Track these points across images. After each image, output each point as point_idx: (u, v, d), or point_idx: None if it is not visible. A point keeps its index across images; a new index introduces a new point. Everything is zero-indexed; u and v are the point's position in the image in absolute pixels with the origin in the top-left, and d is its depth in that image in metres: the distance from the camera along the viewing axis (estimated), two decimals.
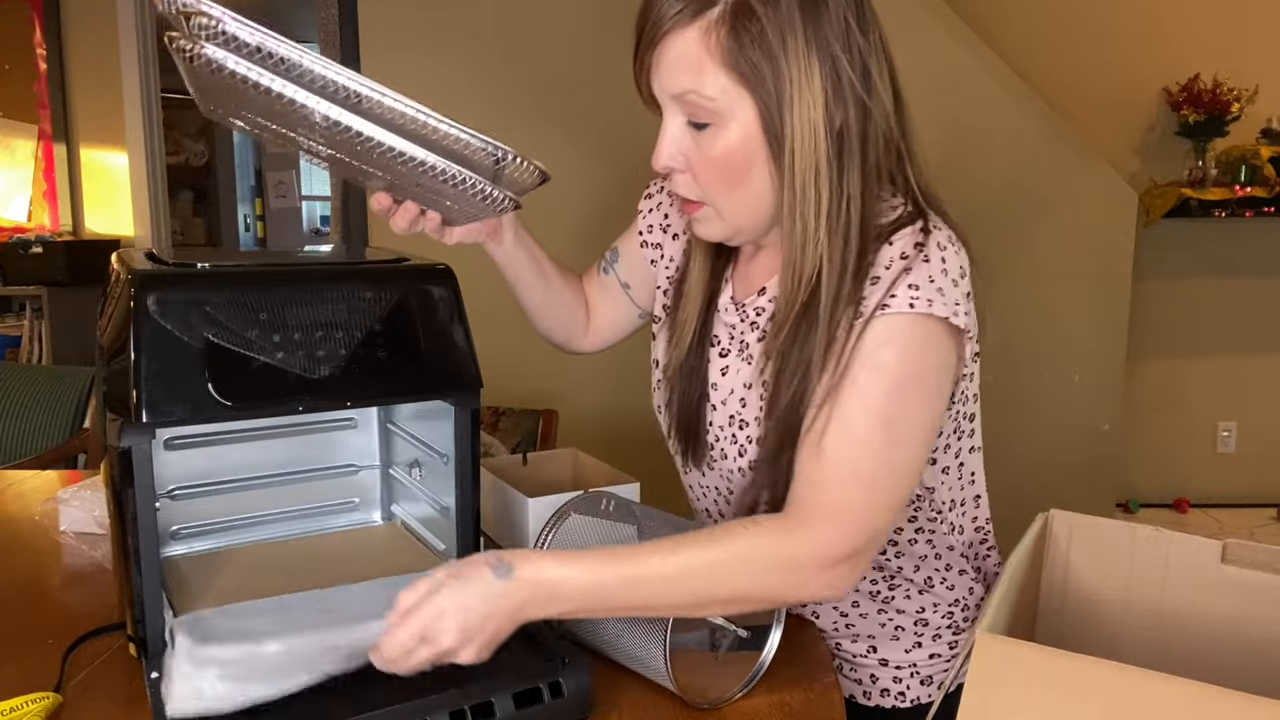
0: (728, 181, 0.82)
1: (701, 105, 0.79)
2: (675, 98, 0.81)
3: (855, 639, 0.99)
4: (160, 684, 0.72)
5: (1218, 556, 0.84)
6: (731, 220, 0.86)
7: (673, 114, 0.83)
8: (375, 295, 0.87)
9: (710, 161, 0.82)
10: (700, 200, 0.86)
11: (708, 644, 0.82)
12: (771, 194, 0.83)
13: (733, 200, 0.84)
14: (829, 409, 0.78)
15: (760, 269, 0.94)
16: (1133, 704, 0.60)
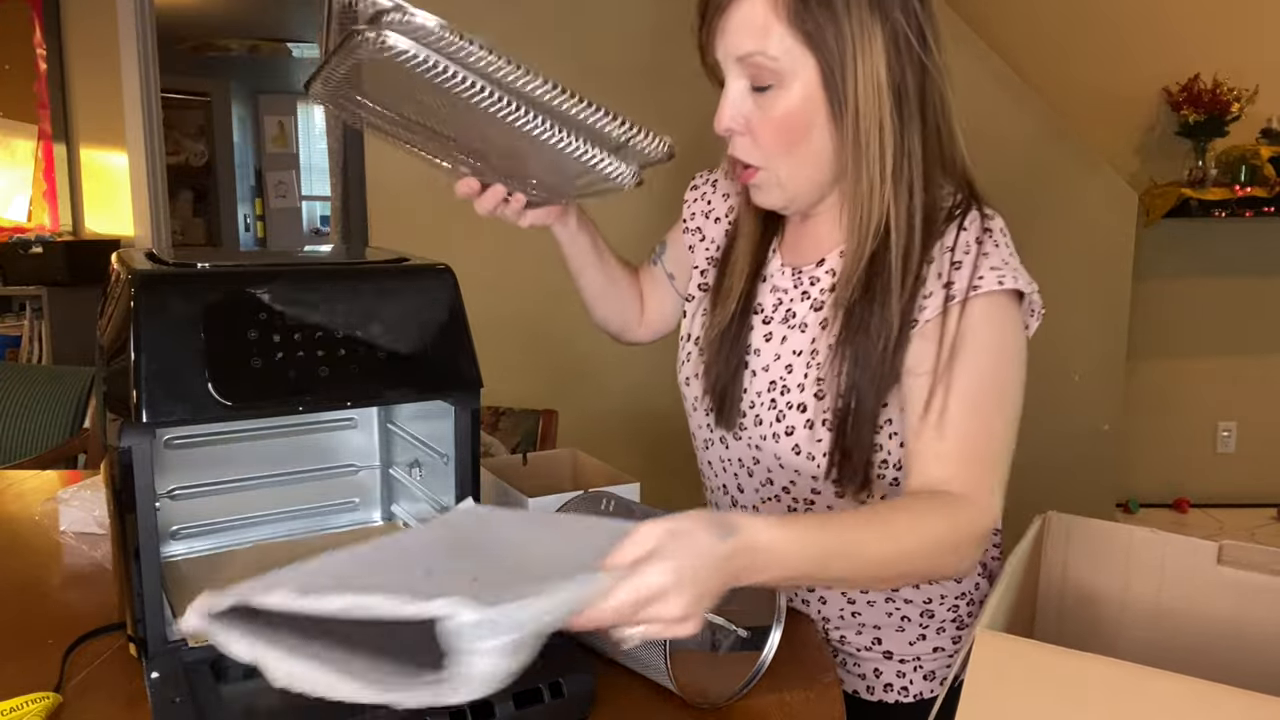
0: (789, 142, 0.85)
1: (765, 66, 0.82)
2: (740, 60, 0.84)
3: (860, 630, 0.99)
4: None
5: (1214, 558, 0.84)
6: (790, 185, 0.89)
7: (735, 77, 0.85)
8: (375, 295, 0.87)
9: (771, 122, 0.85)
10: (759, 165, 0.88)
11: (708, 644, 0.82)
12: (831, 155, 0.86)
13: (792, 162, 0.87)
14: (944, 390, 0.81)
15: (810, 240, 0.97)
16: (1132, 701, 0.60)
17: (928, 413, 0.82)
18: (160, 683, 0.74)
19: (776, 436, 0.93)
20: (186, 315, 0.78)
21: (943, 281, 0.84)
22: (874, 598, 0.98)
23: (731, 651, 0.83)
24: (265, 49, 6.01)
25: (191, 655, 0.79)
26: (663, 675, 0.79)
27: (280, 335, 0.81)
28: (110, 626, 0.91)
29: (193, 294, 0.79)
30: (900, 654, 0.99)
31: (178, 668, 0.77)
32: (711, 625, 0.82)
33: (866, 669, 1.00)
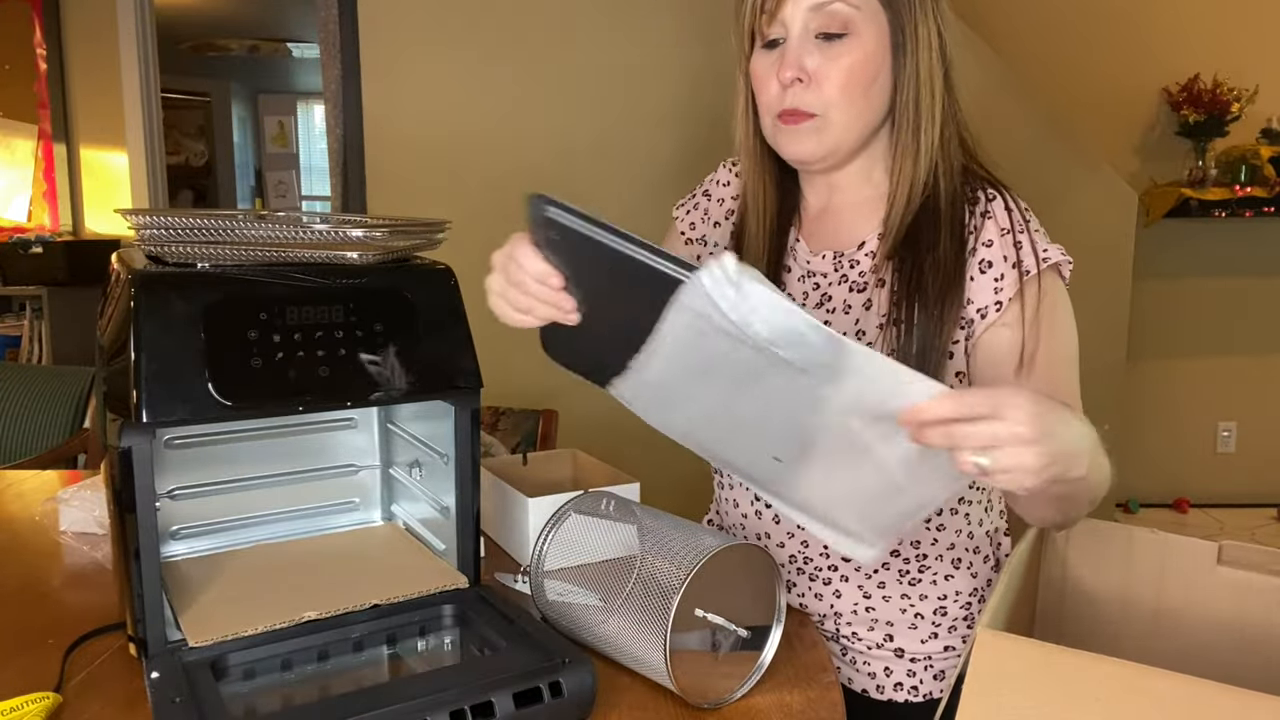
0: (852, 91, 0.89)
1: (842, 14, 0.87)
2: (815, 8, 0.87)
3: (873, 626, 0.99)
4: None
5: (1214, 558, 0.84)
6: (840, 133, 0.91)
7: (801, 24, 0.89)
8: (375, 295, 0.87)
9: (841, 70, 0.88)
10: (816, 112, 0.91)
11: (708, 644, 0.82)
12: (885, 109, 0.92)
13: (852, 111, 0.90)
14: (1045, 359, 0.88)
15: (842, 226, 0.98)
16: (1131, 700, 0.60)
17: (1022, 364, 0.88)
18: (160, 683, 0.74)
19: None
20: (186, 315, 0.78)
21: (1010, 262, 0.89)
22: (890, 592, 0.98)
23: (731, 651, 0.83)
24: (265, 49, 6.01)
25: (191, 655, 0.80)
26: (663, 675, 0.79)
27: (280, 335, 0.81)
28: (110, 626, 0.91)
29: (193, 294, 0.79)
30: (911, 652, 0.99)
31: (178, 668, 0.77)
32: (711, 625, 0.82)
33: (877, 667, 1.00)
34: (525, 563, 1.09)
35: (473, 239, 1.07)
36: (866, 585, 0.99)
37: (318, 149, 6.48)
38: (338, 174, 2.77)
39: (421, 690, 0.73)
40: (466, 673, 0.81)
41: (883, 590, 0.98)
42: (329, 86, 2.74)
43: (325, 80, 2.75)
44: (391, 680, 0.86)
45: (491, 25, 2.70)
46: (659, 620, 0.78)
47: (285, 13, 5.40)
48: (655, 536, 0.85)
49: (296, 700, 0.81)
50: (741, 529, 1.06)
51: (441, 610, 0.91)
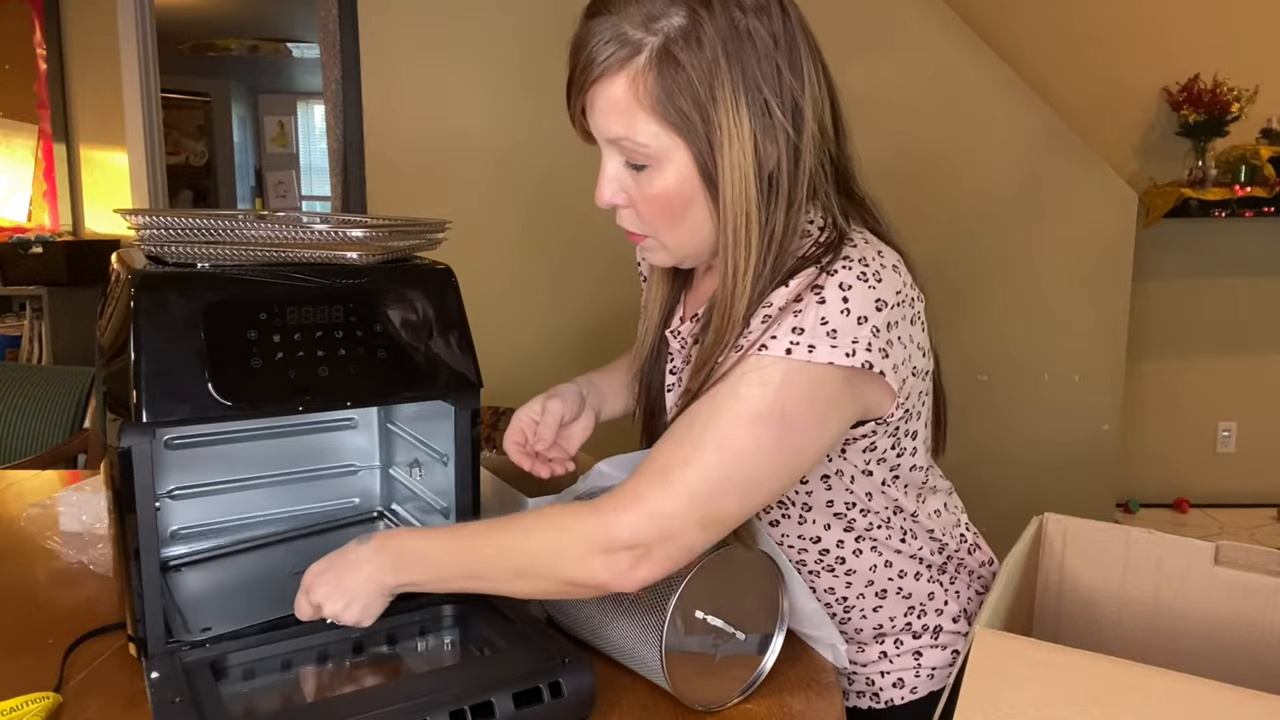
0: (668, 218, 0.83)
1: (636, 150, 0.80)
2: (610, 141, 0.82)
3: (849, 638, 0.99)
4: None
5: (1211, 558, 0.84)
6: (676, 250, 0.87)
7: (611, 155, 0.84)
8: (375, 295, 0.87)
9: (650, 200, 0.83)
10: (645, 234, 0.87)
11: (710, 647, 0.82)
12: (712, 226, 0.83)
13: (675, 235, 0.85)
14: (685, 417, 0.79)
15: (707, 285, 0.94)
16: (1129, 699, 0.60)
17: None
18: (160, 683, 0.74)
19: None
20: (186, 315, 0.78)
21: (744, 332, 0.80)
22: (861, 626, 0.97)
23: (733, 655, 0.83)
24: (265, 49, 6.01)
25: (191, 655, 0.80)
26: (659, 676, 0.79)
27: (280, 335, 0.81)
28: (110, 626, 0.91)
29: (193, 294, 0.79)
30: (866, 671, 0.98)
31: (178, 668, 0.77)
32: (713, 628, 0.82)
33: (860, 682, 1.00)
34: None
35: (473, 239, 1.07)
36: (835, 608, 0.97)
37: (318, 149, 6.48)
38: (338, 174, 2.77)
39: (421, 690, 0.73)
40: (466, 673, 0.81)
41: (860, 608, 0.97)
42: (329, 86, 2.74)
43: (325, 80, 2.75)
44: (391, 680, 0.86)
45: (491, 25, 2.70)
46: (656, 620, 0.78)
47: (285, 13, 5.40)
48: None
49: (296, 700, 0.81)
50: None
51: (441, 610, 0.91)
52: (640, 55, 0.77)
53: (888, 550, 0.94)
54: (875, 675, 0.98)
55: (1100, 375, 2.74)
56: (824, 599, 0.96)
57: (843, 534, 0.92)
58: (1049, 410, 2.70)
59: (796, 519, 0.92)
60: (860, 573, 0.94)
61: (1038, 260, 2.70)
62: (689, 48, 0.76)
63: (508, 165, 2.72)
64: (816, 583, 0.95)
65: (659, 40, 0.76)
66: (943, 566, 0.98)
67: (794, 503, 0.91)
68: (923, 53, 2.56)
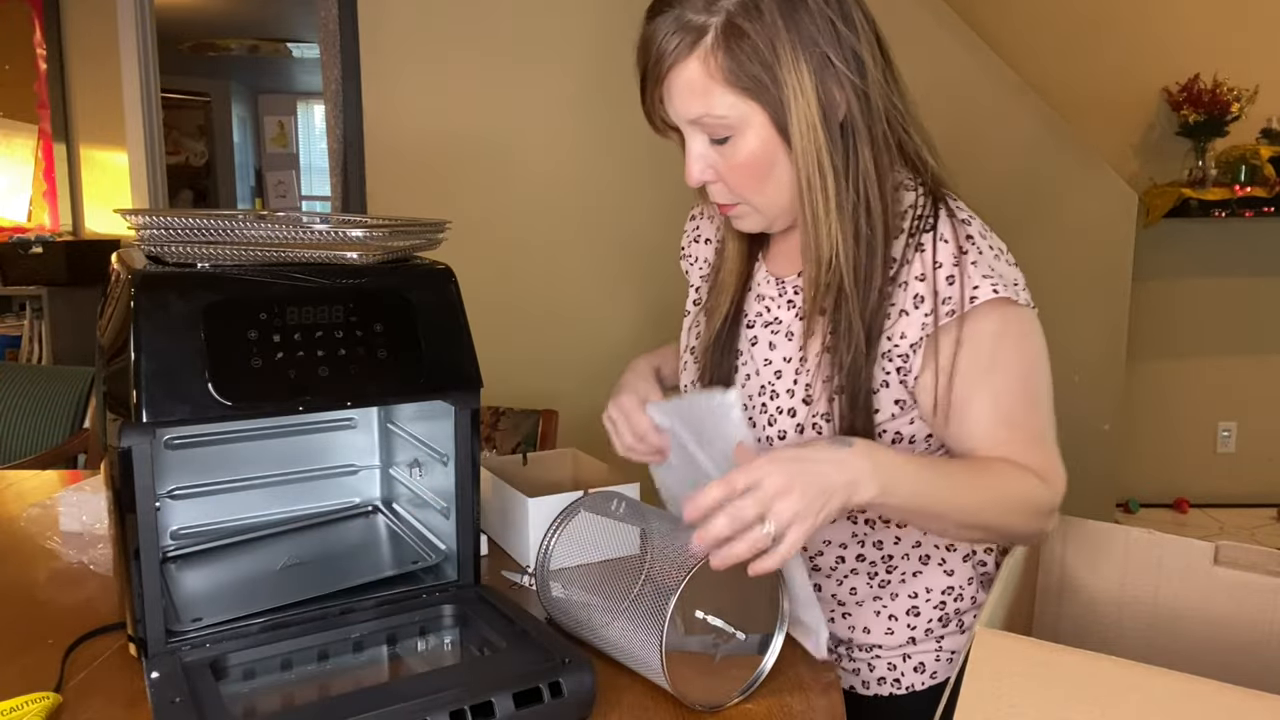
0: (757, 181, 0.89)
1: (716, 124, 0.86)
2: (692, 122, 0.88)
3: (851, 628, 1.00)
4: None
5: (1210, 558, 0.84)
6: (767, 212, 0.93)
7: (694, 135, 0.89)
8: (375, 295, 0.87)
9: (737, 169, 0.89)
10: (736, 202, 0.93)
11: (710, 647, 0.82)
12: (796, 180, 0.90)
13: (765, 196, 0.91)
14: (984, 395, 0.87)
15: (791, 250, 0.99)
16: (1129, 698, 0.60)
17: (936, 408, 0.87)
18: (160, 683, 0.74)
19: (770, 440, 0.95)
20: (186, 315, 0.78)
21: (940, 298, 0.87)
22: (861, 597, 0.98)
23: (733, 655, 0.83)
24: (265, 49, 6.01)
25: (191, 655, 0.80)
26: (659, 676, 0.79)
27: (280, 335, 0.81)
28: (110, 626, 0.91)
29: (193, 294, 0.79)
30: (889, 649, 1.00)
31: (178, 668, 0.77)
32: (712, 629, 0.82)
33: (860, 664, 1.01)
34: (524, 562, 1.10)
35: (473, 239, 1.07)
36: (839, 592, 0.99)
37: (318, 149, 6.48)
38: (338, 174, 2.77)
39: (421, 690, 0.73)
40: (466, 673, 0.81)
41: (855, 596, 0.99)
42: (329, 86, 2.74)
43: (325, 80, 2.75)
44: (391, 680, 0.86)
45: (491, 25, 2.70)
46: (657, 622, 0.78)
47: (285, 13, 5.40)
48: (661, 539, 0.85)
49: (296, 700, 0.81)
50: None
51: (441, 610, 0.91)
52: (707, 36, 0.83)
53: None
54: (898, 660, 1.00)
55: (1100, 375, 2.74)
56: (869, 555, 0.98)
57: None
58: None
59: None
60: (912, 529, 0.97)
61: (1037, 260, 2.69)
62: (750, 17, 0.83)
63: (508, 165, 2.72)
64: (869, 535, 0.97)
65: (721, 18, 0.83)
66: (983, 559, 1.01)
67: (890, 433, 0.93)
68: (923, 53, 2.56)
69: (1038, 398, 0.89)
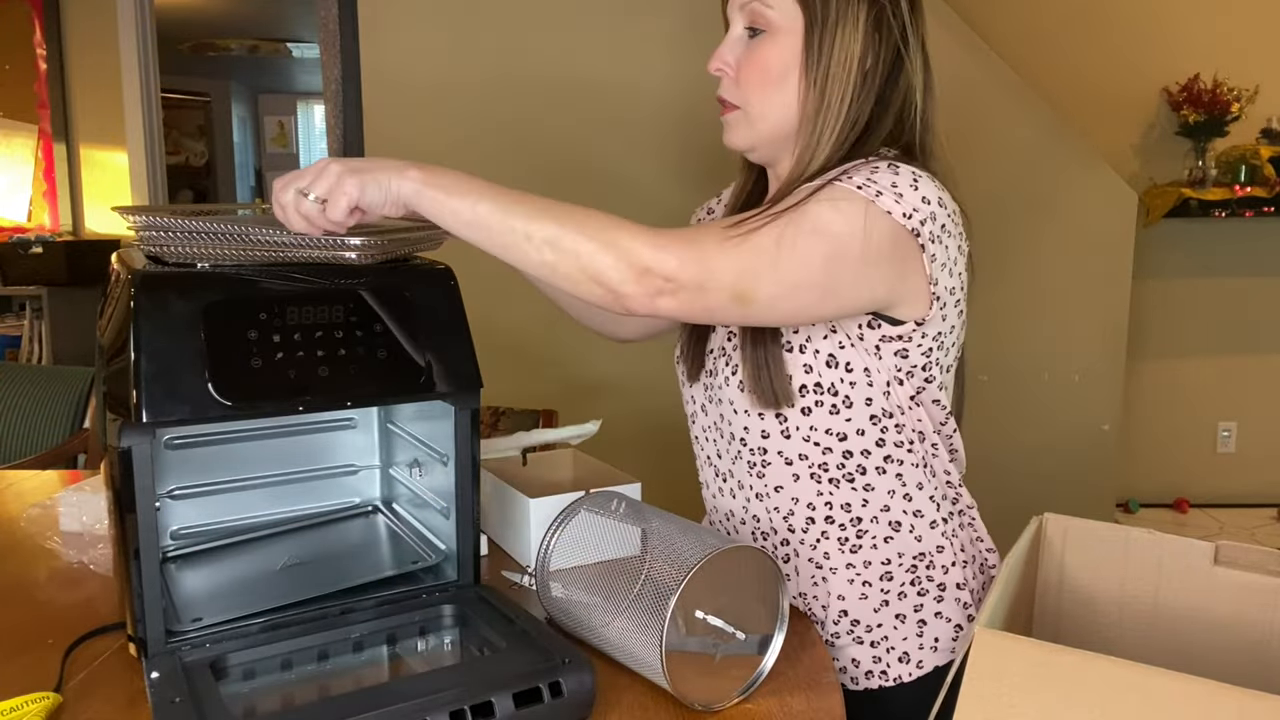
0: (763, 83, 0.94)
1: (761, 12, 0.93)
2: (742, 6, 0.94)
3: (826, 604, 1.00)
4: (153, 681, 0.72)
5: (1210, 558, 0.84)
6: (759, 126, 0.97)
7: (736, 22, 0.96)
8: (375, 295, 0.87)
9: (753, 62, 0.94)
10: (737, 104, 0.97)
11: (710, 647, 0.82)
12: (796, 107, 0.94)
13: (764, 104, 0.95)
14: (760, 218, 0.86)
15: None
16: (1129, 699, 0.60)
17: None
18: (160, 683, 0.74)
19: (727, 380, 0.99)
20: (186, 315, 0.78)
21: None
22: (835, 564, 0.98)
23: (732, 655, 0.83)
24: (265, 49, 6.01)
25: (191, 655, 0.80)
26: (659, 676, 0.79)
27: (280, 335, 0.81)
28: (110, 626, 0.91)
29: (193, 294, 0.79)
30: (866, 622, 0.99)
31: (178, 668, 0.77)
32: (712, 629, 0.82)
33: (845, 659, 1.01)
34: (524, 562, 1.10)
35: None
36: (814, 555, 1.00)
37: (318, 149, 6.48)
38: None
39: (421, 690, 0.73)
40: (466, 673, 0.81)
41: (829, 560, 0.99)
42: (329, 86, 2.74)
43: (325, 80, 2.75)
44: (391, 680, 0.86)
45: (493, 27, 2.70)
46: (657, 622, 0.78)
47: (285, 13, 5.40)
48: (661, 539, 0.85)
49: (296, 700, 0.81)
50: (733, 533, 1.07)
51: (441, 610, 0.91)
52: None
53: (910, 480, 0.98)
54: (883, 651, 1.00)
55: (1100, 375, 2.74)
56: (838, 518, 0.98)
57: (873, 445, 0.96)
58: (1049, 410, 2.70)
59: (829, 409, 0.95)
60: (879, 492, 0.97)
61: (1038, 260, 2.70)
62: None
63: (509, 166, 2.72)
64: (834, 496, 0.98)
65: None
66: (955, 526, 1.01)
67: (835, 390, 0.94)
68: None
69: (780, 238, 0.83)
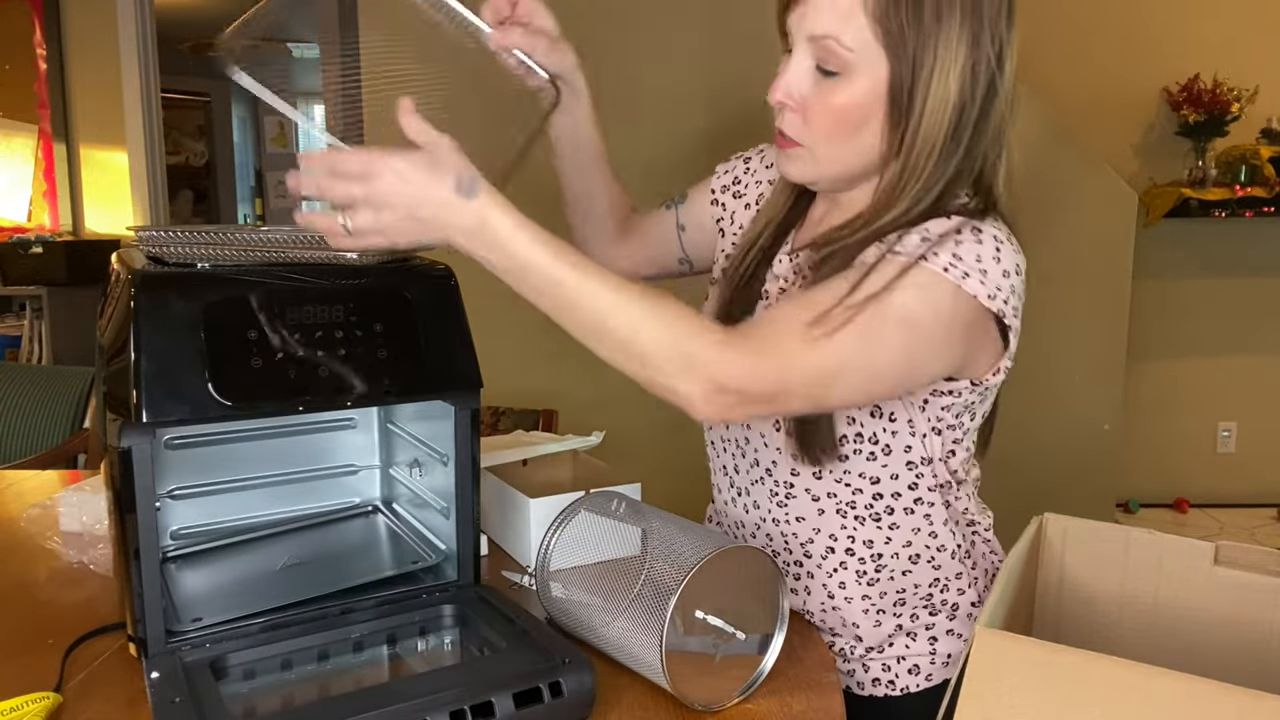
0: (838, 131, 0.84)
1: (836, 53, 0.80)
2: (812, 39, 0.82)
3: (842, 622, 0.99)
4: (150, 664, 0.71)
5: (1210, 558, 0.84)
6: (825, 168, 0.88)
7: (803, 54, 0.84)
8: (375, 295, 0.87)
9: (827, 109, 0.83)
10: (802, 142, 0.87)
11: (710, 647, 0.82)
12: (876, 153, 0.85)
13: (834, 150, 0.86)
14: (826, 285, 0.81)
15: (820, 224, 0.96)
16: (1129, 698, 0.60)
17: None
18: (160, 683, 0.74)
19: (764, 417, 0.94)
20: (186, 315, 0.78)
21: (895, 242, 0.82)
22: (850, 594, 0.98)
23: (732, 655, 0.83)
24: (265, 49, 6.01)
25: (191, 655, 0.80)
26: (659, 676, 0.79)
27: (280, 335, 0.81)
28: (110, 626, 0.91)
29: (193, 294, 0.79)
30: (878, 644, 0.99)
31: (178, 668, 0.77)
32: (712, 629, 0.82)
33: (855, 664, 1.00)
34: (524, 562, 1.10)
35: None
36: (829, 584, 0.98)
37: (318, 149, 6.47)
38: None
39: (421, 690, 0.73)
40: (466, 673, 0.81)
41: (844, 590, 0.98)
42: (329, 86, 2.74)
43: (325, 80, 2.75)
44: (391, 680, 0.86)
45: None
46: (657, 622, 0.78)
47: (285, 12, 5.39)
48: (661, 539, 0.85)
49: (296, 700, 0.81)
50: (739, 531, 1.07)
51: (441, 610, 0.91)
52: None
53: (936, 518, 0.96)
54: (892, 661, 0.99)
55: (1100, 375, 2.73)
56: (859, 552, 0.96)
57: (905, 489, 0.94)
58: (1049, 410, 2.70)
59: (867, 455, 0.92)
60: (903, 530, 0.96)
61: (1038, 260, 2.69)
62: None
63: None
64: (859, 531, 0.95)
65: None
66: (968, 551, 1.00)
67: (876, 439, 0.91)
68: None
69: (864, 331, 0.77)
